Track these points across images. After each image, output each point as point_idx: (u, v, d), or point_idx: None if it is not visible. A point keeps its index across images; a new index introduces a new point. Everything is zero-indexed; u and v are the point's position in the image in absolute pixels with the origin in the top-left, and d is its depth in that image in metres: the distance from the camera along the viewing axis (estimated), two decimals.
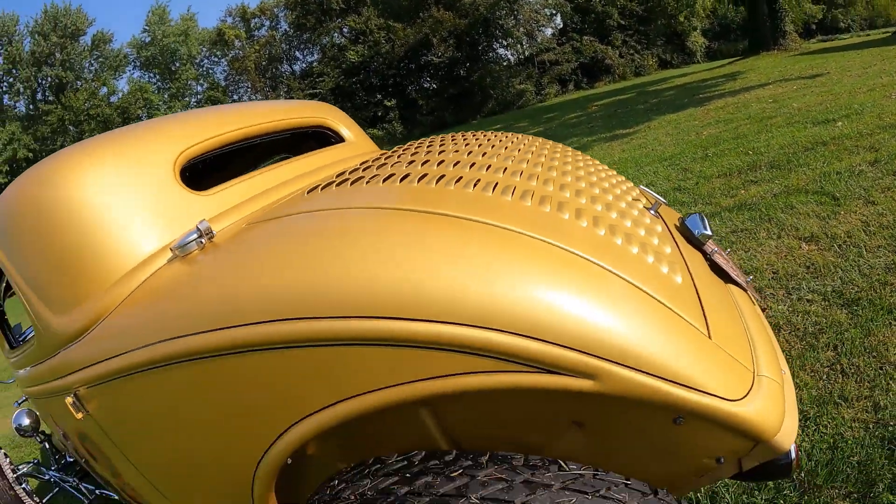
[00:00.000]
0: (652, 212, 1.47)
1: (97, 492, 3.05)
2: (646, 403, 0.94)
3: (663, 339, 0.98)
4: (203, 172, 2.68)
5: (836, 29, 39.55)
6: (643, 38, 32.67)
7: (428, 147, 1.65)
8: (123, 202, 1.44)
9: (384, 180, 1.32)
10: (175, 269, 1.31)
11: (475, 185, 1.24)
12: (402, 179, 1.31)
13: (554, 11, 32.99)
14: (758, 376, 1.06)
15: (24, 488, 3.22)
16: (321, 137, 2.40)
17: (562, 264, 1.03)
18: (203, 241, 1.31)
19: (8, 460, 3.30)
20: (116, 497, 2.91)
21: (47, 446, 3.67)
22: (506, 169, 1.35)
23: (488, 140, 1.71)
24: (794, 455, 1.08)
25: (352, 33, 29.81)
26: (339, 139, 2.38)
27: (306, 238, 1.17)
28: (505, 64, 32.62)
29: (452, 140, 1.77)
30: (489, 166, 1.36)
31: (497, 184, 1.25)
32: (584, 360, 0.91)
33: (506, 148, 1.58)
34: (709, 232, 1.53)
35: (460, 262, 1.00)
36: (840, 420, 1.96)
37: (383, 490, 0.90)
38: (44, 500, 3.31)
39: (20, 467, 3.41)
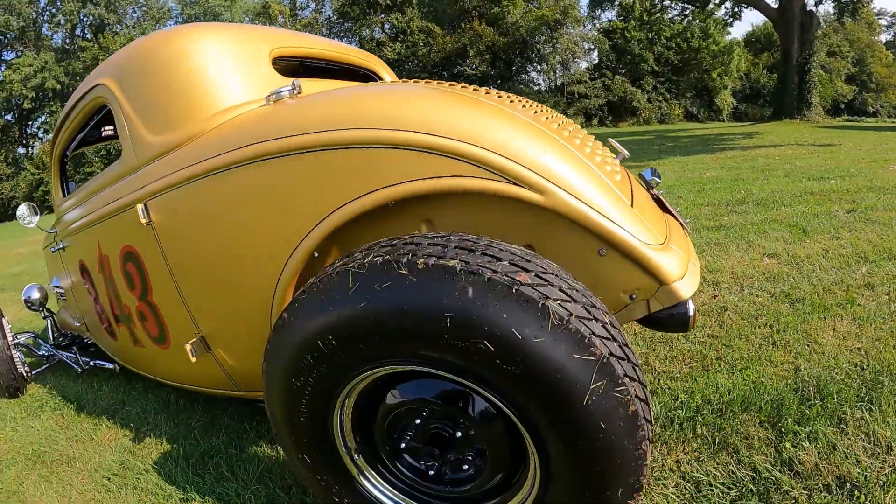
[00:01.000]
0: (618, 159, 1.82)
1: (91, 363, 3.43)
2: (579, 226, 1.30)
3: (598, 190, 1.35)
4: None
5: (865, 112, 40.26)
6: (674, 87, 33.26)
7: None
8: (229, 63, 1.90)
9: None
10: (264, 109, 1.71)
11: (485, 92, 1.62)
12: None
13: (592, 46, 33.64)
14: (668, 245, 1.41)
15: (19, 354, 3.54)
16: (367, 77, 2.83)
17: (534, 130, 1.41)
18: (294, 91, 1.70)
19: (9, 327, 3.63)
20: (111, 366, 3.24)
21: (49, 323, 4.01)
22: (512, 101, 1.71)
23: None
24: (691, 313, 1.43)
25: (392, 30, 30.40)
26: (379, 77, 2.89)
27: (362, 90, 1.64)
28: (535, 88, 33.18)
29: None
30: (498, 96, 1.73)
31: (501, 96, 1.63)
32: (536, 179, 1.28)
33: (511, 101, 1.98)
34: (658, 179, 1.91)
35: (459, 111, 1.40)
36: (763, 372, 2.30)
37: (375, 256, 1.24)
38: (33, 372, 3.66)
39: (19, 336, 3.75)
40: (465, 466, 1.37)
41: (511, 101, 1.58)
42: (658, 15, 27.09)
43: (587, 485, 1.18)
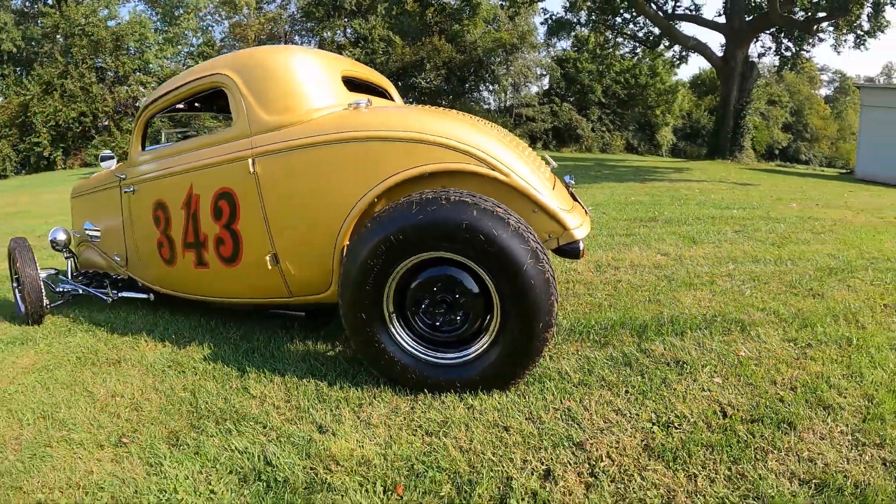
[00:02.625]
0: (551, 166, 3.13)
1: (118, 294, 4.28)
2: (523, 195, 2.58)
3: (535, 178, 2.66)
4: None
5: (798, 159, 43.67)
6: (618, 119, 35.57)
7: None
8: (320, 77, 3.12)
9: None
10: (347, 111, 2.94)
11: (470, 117, 2.90)
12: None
13: (544, 72, 35.73)
14: (571, 211, 2.71)
15: (42, 285, 4.26)
16: (383, 94, 4.07)
17: (502, 141, 2.70)
18: (367, 104, 2.93)
19: (36, 263, 4.36)
20: (144, 296, 4.15)
21: (71, 263, 4.83)
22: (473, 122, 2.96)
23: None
24: (581, 248, 2.72)
25: (354, 35, 31.64)
26: (391, 98, 4.14)
27: (405, 108, 2.94)
28: (485, 107, 34.79)
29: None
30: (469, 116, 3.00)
31: (481, 120, 2.90)
32: (503, 167, 2.57)
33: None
34: (573, 182, 3.23)
35: (464, 126, 2.69)
36: (638, 313, 3.61)
37: (427, 195, 2.46)
38: (52, 305, 4.46)
39: (41, 272, 4.40)
40: (459, 318, 2.60)
41: (486, 124, 2.86)
42: (610, 50, 29.30)
43: (524, 320, 2.42)
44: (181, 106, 4.15)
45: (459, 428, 2.35)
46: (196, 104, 4.36)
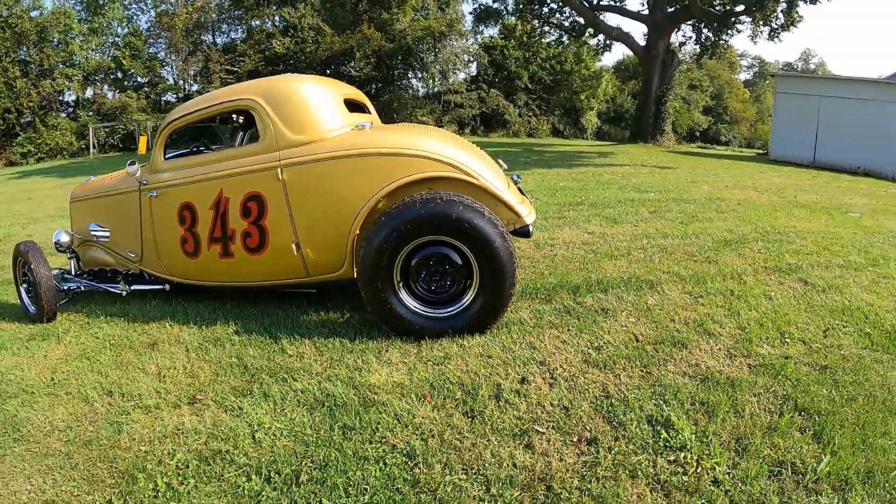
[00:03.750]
0: (503, 168, 4.25)
1: (130, 288, 4.90)
2: (489, 194, 3.71)
3: (497, 180, 3.79)
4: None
5: (718, 141, 46.55)
6: (544, 104, 37.23)
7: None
8: (330, 102, 4.10)
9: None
10: (355, 132, 3.95)
11: (443, 132, 3.97)
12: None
13: (472, 59, 36.93)
14: (522, 203, 3.84)
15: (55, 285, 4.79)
16: (365, 109, 5.03)
17: (473, 153, 3.82)
18: (370, 126, 3.97)
19: (48, 263, 4.82)
20: (160, 287, 4.97)
21: (73, 263, 5.27)
22: (449, 138, 4.05)
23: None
24: (531, 230, 3.87)
25: (283, 24, 31.93)
26: (368, 110, 5.08)
27: (397, 129, 3.96)
28: (413, 94, 35.67)
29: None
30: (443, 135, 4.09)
31: (447, 133, 3.98)
32: (474, 173, 3.69)
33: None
34: (519, 180, 4.37)
35: (446, 142, 3.81)
36: (571, 278, 4.76)
37: (427, 195, 3.50)
38: (59, 303, 4.98)
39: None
40: (448, 283, 3.67)
41: (458, 139, 3.93)
42: (537, 38, 30.76)
43: (496, 281, 3.53)
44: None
45: (457, 359, 3.43)
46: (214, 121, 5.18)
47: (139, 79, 33.93)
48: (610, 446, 2.58)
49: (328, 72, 32.65)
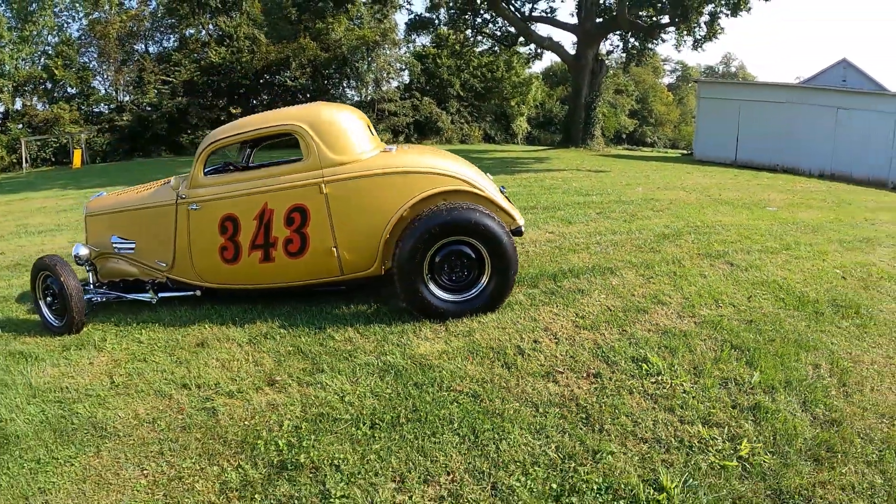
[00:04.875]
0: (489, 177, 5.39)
1: (158, 296, 5.46)
2: (493, 204, 4.85)
3: (496, 192, 4.97)
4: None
5: (644, 142, 48.84)
6: (475, 111, 38.66)
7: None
8: (360, 128, 5.18)
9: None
10: (384, 154, 5.03)
11: (452, 154, 5.08)
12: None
13: (404, 67, 37.95)
14: (514, 209, 5.01)
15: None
16: (371, 131, 6.04)
17: (473, 169, 5.01)
18: (395, 149, 5.07)
19: (76, 275, 5.29)
20: (190, 293, 5.77)
21: (92, 276, 5.69)
22: (454, 158, 5.14)
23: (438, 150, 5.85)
24: (522, 230, 5.07)
25: (217, 32, 32.11)
26: (372, 131, 6.09)
27: (415, 151, 5.15)
28: (348, 102, 36.33)
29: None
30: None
31: (455, 156, 5.10)
32: (479, 186, 4.86)
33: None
34: (505, 190, 5.51)
35: (457, 163, 4.99)
36: (546, 268, 5.90)
37: (451, 205, 4.58)
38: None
39: None
40: (465, 274, 4.75)
41: (463, 161, 5.04)
42: (469, 48, 32.09)
43: (503, 271, 4.66)
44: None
45: (480, 331, 4.50)
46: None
47: (70, 89, 33.03)
48: (610, 377, 3.74)
49: (261, 82, 33.06)
